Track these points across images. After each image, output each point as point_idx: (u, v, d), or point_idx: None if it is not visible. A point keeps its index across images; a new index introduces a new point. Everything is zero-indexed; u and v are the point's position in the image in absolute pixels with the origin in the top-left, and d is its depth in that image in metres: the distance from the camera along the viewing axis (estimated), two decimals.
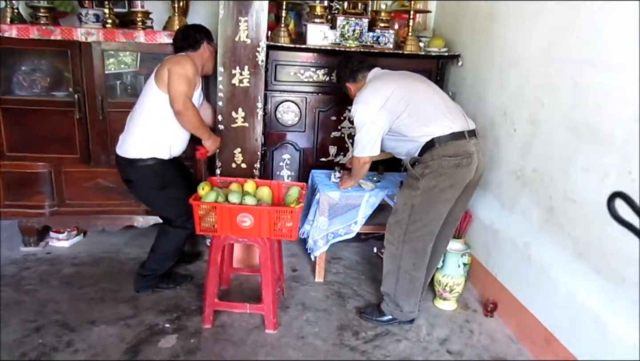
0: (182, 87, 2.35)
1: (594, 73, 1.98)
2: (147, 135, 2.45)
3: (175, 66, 2.37)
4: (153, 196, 2.59)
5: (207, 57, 2.61)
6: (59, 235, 3.16)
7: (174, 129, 2.48)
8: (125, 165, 2.51)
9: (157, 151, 2.47)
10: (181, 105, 2.35)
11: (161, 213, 2.71)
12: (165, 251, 2.65)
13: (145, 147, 2.46)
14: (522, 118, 2.47)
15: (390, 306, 2.50)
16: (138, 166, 2.48)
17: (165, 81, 2.36)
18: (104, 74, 2.85)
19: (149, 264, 2.67)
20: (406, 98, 2.27)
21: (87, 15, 2.76)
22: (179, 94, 2.34)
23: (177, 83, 2.34)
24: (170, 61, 2.41)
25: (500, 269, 2.65)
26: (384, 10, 3.06)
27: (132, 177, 2.54)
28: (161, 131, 2.46)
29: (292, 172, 3.27)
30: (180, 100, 2.34)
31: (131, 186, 2.58)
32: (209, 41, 2.60)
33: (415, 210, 2.28)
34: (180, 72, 2.36)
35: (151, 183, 2.52)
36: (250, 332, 2.41)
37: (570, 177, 2.10)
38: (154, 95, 2.41)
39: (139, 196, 2.69)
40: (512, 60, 2.55)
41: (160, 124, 2.45)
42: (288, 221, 2.25)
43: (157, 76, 2.41)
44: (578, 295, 2.05)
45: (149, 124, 2.45)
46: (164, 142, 2.48)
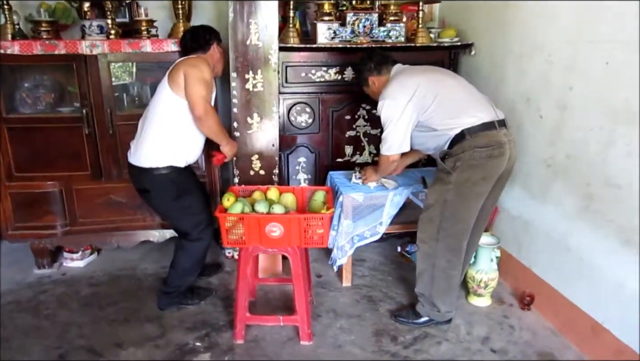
0: (202, 91, 2.23)
1: (628, 53, 1.91)
2: (163, 142, 2.33)
3: (193, 69, 2.25)
4: (170, 206, 2.47)
5: (217, 59, 2.51)
6: (72, 255, 3.06)
7: (190, 135, 2.38)
8: (139, 175, 2.39)
9: (173, 159, 2.37)
10: (202, 110, 2.23)
11: (177, 224, 2.58)
12: (186, 266, 2.55)
13: (162, 156, 2.34)
14: (549, 104, 2.40)
15: (426, 307, 2.42)
16: (154, 175, 2.36)
17: (181, 84, 2.24)
18: (112, 86, 2.75)
19: (170, 281, 2.57)
20: (433, 90, 2.19)
21: (90, 27, 2.66)
22: (199, 99, 2.22)
23: (196, 87, 2.22)
24: (186, 64, 2.29)
25: (535, 261, 2.57)
26: (393, 3, 2.98)
27: (148, 187, 2.41)
28: (178, 138, 2.35)
29: (308, 175, 3.18)
30: (201, 105, 2.23)
31: (147, 196, 2.47)
32: (218, 42, 2.51)
33: (448, 206, 2.20)
34: (198, 76, 2.24)
35: (168, 193, 2.40)
36: (284, 345, 2.32)
37: (610, 162, 2.03)
38: (169, 99, 2.29)
39: (155, 207, 2.59)
40: (535, 45, 2.48)
41: (177, 131, 2.34)
42: (319, 228, 2.16)
43: (171, 79, 2.28)
44: (628, 283, 1.98)
45: (165, 131, 2.33)
46: (181, 149, 2.38)
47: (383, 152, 2.37)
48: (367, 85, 2.51)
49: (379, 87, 2.43)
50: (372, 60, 2.45)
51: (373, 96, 2.53)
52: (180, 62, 2.32)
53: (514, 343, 2.33)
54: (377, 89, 2.44)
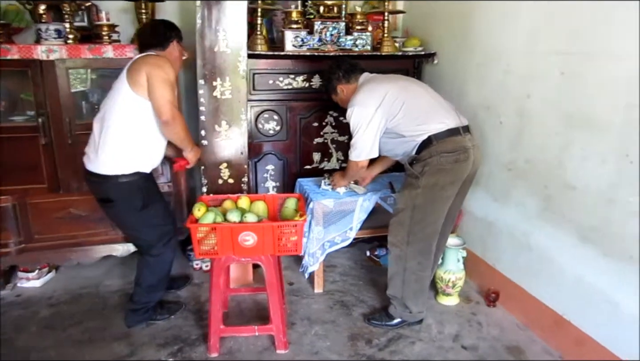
0: (168, 94, 2.11)
1: (584, 64, 2.05)
2: (127, 146, 2.19)
3: (157, 70, 2.12)
4: (134, 217, 2.31)
5: (175, 57, 2.35)
6: (28, 274, 2.88)
7: (155, 138, 2.26)
8: (102, 183, 2.22)
9: (139, 164, 2.23)
10: (169, 115, 2.12)
11: (140, 237, 2.40)
12: (152, 282, 2.44)
13: (127, 161, 2.20)
14: (508, 111, 2.53)
15: (398, 309, 2.47)
16: (119, 183, 2.20)
17: (144, 85, 2.11)
18: (71, 94, 2.63)
19: (137, 298, 2.47)
20: (401, 98, 2.26)
21: (47, 31, 2.53)
22: (166, 103, 2.10)
23: (162, 90, 2.10)
24: (148, 63, 2.14)
25: (499, 260, 2.70)
26: (359, 12, 3.04)
27: (112, 196, 2.23)
28: (142, 141, 2.22)
29: (277, 182, 3.17)
30: (169, 109, 2.11)
31: (110, 207, 2.28)
32: (178, 40, 2.38)
33: (417, 209, 2.27)
34: (163, 77, 2.12)
35: (134, 202, 2.26)
36: (261, 355, 2.30)
37: (567, 165, 2.17)
38: (130, 101, 2.14)
39: (118, 219, 2.40)
40: (494, 56, 2.61)
41: (141, 133, 2.21)
42: (293, 235, 2.16)
43: (132, 79, 2.13)
44: (586, 277, 2.12)
45: (129, 134, 2.18)
46: (146, 153, 2.25)
47: (352, 158, 2.40)
48: (336, 93, 2.55)
49: (347, 95, 2.47)
50: (341, 68, 2.49)
51: (341, 104, 2.57)
52: (141, 61, 2.17)
53: (483, 339, 2.42)
54: (345, 97, 2.49)
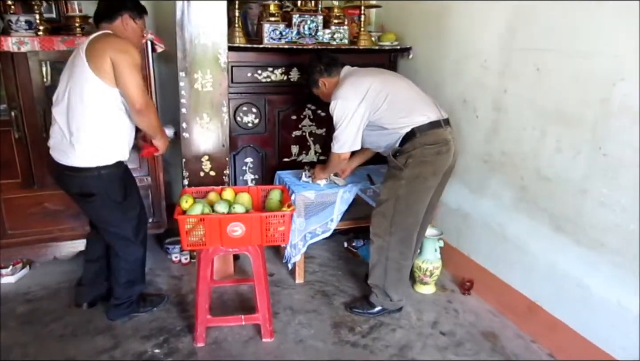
0: (138, 82, 1.98)
1: (559, 60, 2.15)
2: (106, 136, 2.07)
3: (123, 55, 1.95)
4: (114, 211, 2.20)
5: (126, 35, 2.12)
6: (1, 270, 2.80)
7: (128, 125, 2.15)
8: (80, 177, 2.09)
9: (119, 153, 2.14)
10: (143, 104, 2.01)
11: (117, 233, 2.28)
12: (129, 278, 2.39)
13: (108, 151, 2.09)
14: (484, 105, 2.62)
15: (379, 298, 2.54)
16: (100, 175, 2.09)
17: (109, 72, 1.96)
18: (44, 87, 2.56)
19: (119, 294, 2.42)
20: (384, 91, 2.31)
21: (17, 23, 2.44)
22: (137, 91, 1.98)
23: (132, 77, 1.96)
24: (112, 48, 1.96)
25: (474, 250, 2.80)
26: (337, 6, 3.07)
27: (92, 190, 2.12)
28: (119, 129, 2.11)
29: (255, 175, 3.18)
30: (142, 98, 2.00)
31: (90, 201, 2.15)
32: (132, 14, 2.14)
33: (400, 200, 2.34)
34: (130, 63, 1.96)
35: (114, 195, 2.16)
36: (246, 344, 2.33)
37: (542, 157, 2.28)
38: (98, 89, 1.98)
39: (97, 213, 2.25)
40: (470, 52, 2.69)
41: (116, 121, 2.09)
42: (280, 226, 2.19)
43: (94, 65, 1.95)
44: (559, 265, 2.24)
45: (106, 123, 2.05)
46: (123, 141, 2.15)
47: (334, 150, 2.44)
48: (317, 86, 2.57)
49: (329, 88, 2.50)
50: (322, 62, 2.51)
51: (323, 97, 2.60)
52: (103, 45, 1.98)
53: (460, 325, 2.52)
54: (327, 90, 2.52)
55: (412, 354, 2.29)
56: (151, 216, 2.95)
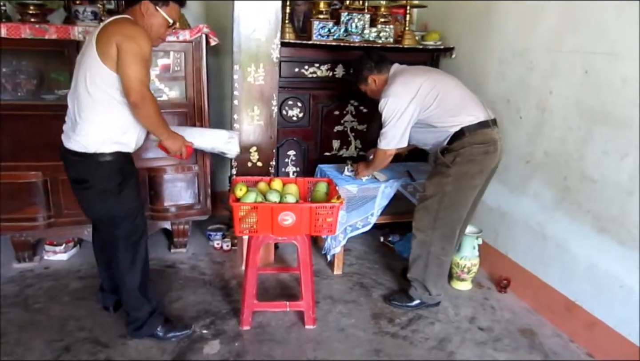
0: (139, 72, 1.85)
1: (607, 63, 2.18)
2: (106, 123, 1.95)
3: (128, 41, 1.83)
4: (105, 202, 2.05)
5: (149, 23, 1.97)
6: (55, 248, 2.95)
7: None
8: (79, 161, 1.99)
9: (122, 143, 2.01)
10: (139, 96, 1.85)
11: (110, 230, 2.12)
12: (131, 304, 2.21)
13: (108, 139, 1.96)
14: (528, 106, 2.66)
15: (418, 291, 2.60)
16: (98, 163, 1.97)
17: (113, 57, 1.84)
18: None
19: (127, 313, 2.25)
20: (436, 89, 2.36)
21: (84, 13, 2.58)
22: (135, 82, 1.84)
23: (133, 67, 1.83)
24: (120, 33, 1.85)
25: (512, 248, 2.84)
26: (383, 5, 3.14)
27: (87, 176, 2.01)
28: (122, 117, 1.97)
29: (297, 168, 3.27)
30: (138, 89, 1.85)
31: (84, 187, 2.04)
32: (156, 2, 1.96)
33: (446, 197, 2.39)
34: (135, 52, 1.83)
35: (109, 185, 2.01)
36: (290, 330, 2.41)
37: (587, 158, 2.31)
38: (104, 75, 1.88)
39: (90, 203, 2.11)
40: (515, 51, 2.73)
41: (120, 109, 1.96)
42: (329, 217, 2.27)
43: (102, 50, 1.85)
44: (601, 265, 2.26)
45: (106, 109, 1.93)
46: (128, 132, 2.01)
47: (381, 147, 2.50)
48: (367, 83, 2.62)
49: (379, 85, 2.56)
50: (372, 59, 2.56)
51: (371, 94, 2.66)
52: (112, 29, 1.88)
53: (497, 321, 2.57)
54: (376, 87, 2.58)
55: (451, 347, 2.35)
56: (197, 203, 3.06)
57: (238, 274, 2.89)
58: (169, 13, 2.00)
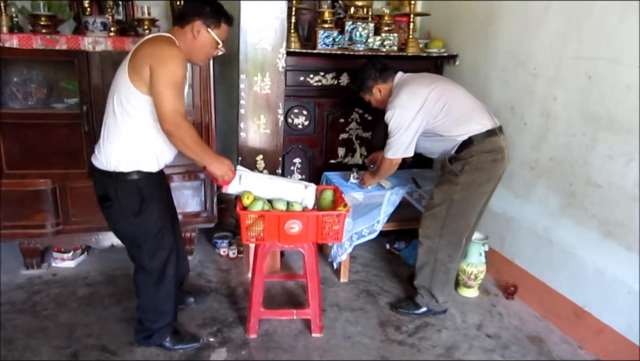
0: (171, 100, 1.82)
1: (611, 69, 2.19)
2: (130, 142, 1.94)
3: (162, 69, 1.81)
4: (127, 221, 2.03)
5: (192, 43, 1.97)
6: (63, 255, 2.98)
7: (161, 136, 1.95)
8: (102, 178, 1.99)
9: (143, 163, 1.97)
10: (172, 125, 1.83)
11: (132, 251, 2.16)
12: (147, 318, 2.22)
13: (128, 158, 1.95)
14: (532, 112, 2.67)
15: (425, 299, 2.60)
16: (118, 181, 1.96)
17: (146, 80, 1.83)
18: None
19: (140, 321, 2.24)
20: (443, 99, 2.36)
21: (94, 24, 2.62)
22: (168, 111, 1.81)
23: (165, 95, 1.81)
24: (154, 56, 1.83)
25: (518, 254, 2.84)
26: (387, 14, 3.17)
27: (109, 195, 1.99)
28: (145, 137, 1.95)
29: (303, 175, 3.29)
30: (171, 118, 1.82)
31: (107, 206, 2.02)
32: (207, 22, 1.97)
33: (454, 205, 2.40)
34: (168, 79, 1.81)
35: (129, 204, 1.99)
36: (297, 338, 2.41)
37: (592, 164, 2.31)
38: (131, 96, 1.87)
39: (113, 222, 2.11)
40: (518, 58, 2.74)
41: (143, 129, 1.94)
42: (335, 225, 2.27)
43: (134, 71, 1.84)
44: (608, 270, 2.26)
45: (132, 131, 1.93)
46: (153, 152, 1.99)
47: (387, 156, 2.50)
48: (371, 93, 2.60)
49: (384, 95, 2.56)
50: (376, 68, 2.55)
51: (375, 103, 2.66)
52: (148, 49, 1.86)
53: (505, 328, 2.56)
54: (381, 97, 2.58)
55: (458, 354, 2.34)
56: (203, 210, 3.08)
57: (244, 282, 2.90)
58: (219, 34, 2.02)
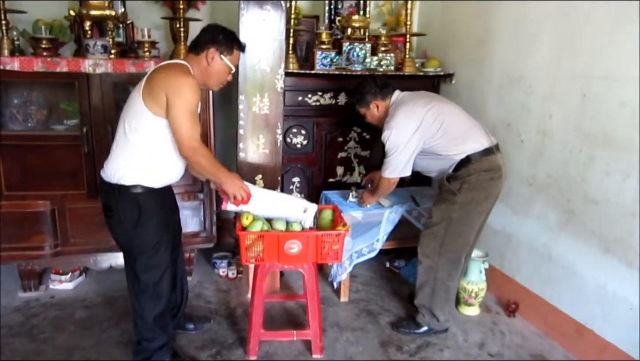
0: (188, 127, 1.91)
1: (605, 87, 2.22)
2: (135, 158, 1.99)
3: (177, 98, 1.88)
4: (126, 234, 2.07)
5: (207, 69, 2.06)
6: (61, 277, 2.95)
7: (170, 155, 2.04)
8: (106, 190, 2.05)
9: (145, 179, 2.01)
10: (189, 151, 1.94)
11: (129, 262, 2.15)
12: (145, 337, 2.19)
13: (131, 173, 1.99)
14: (529, 129, 2.70)
15: (426, 318, 2.58)
16: (119, 193, 2.01)
17: (160, 104, 1.90)
18: (114, 106, 2.74)
19: (138, 340, 2.21)
20: (440, 119, 2.38)
21: (95, 46, 2.65)
22: (185, 138, 1.91)
23: (182, 123, 1.90)
24: (169, 85, 1.89)
25: (519, 271, 2.83)
26: (384, 35, 3.22)
27: (111, 206, 2.04)
28: (154, 158, 2.02)
29: (302, 194, 3.29)
30: (188, 144, 1.92)
31: (109, 216, 2.08)
32: (221, 49, 2.04)
33: (453, 223, 2.40)
34: (183, 107, 1.89)
35: (128, 216, 2.02)
36: (297, 359, 2.39)
37: (590, 180, 2.33)
38: (143, 117, 1.93)
39: (113, 232, 2.14)
40: (514, 76, 2.78)
41: (154, 151, 2.00)
42: (335, 244, 2.27)
43: (150, 95, 1.91)
44: (609, 287, 2.26)
45: (139, 149, 1.98)
46: (157, 170, 2.04)
47: (385, 175, 2.51)
48: (368, 107, 2.62)
49: (381, 111, 2.59)
50: (377, 84, 2.57)
51: (371, 118, 2.68)
52: (164, 77, 1.92)
53: (508, 346, 2.54)
54: (379, 114, 2.61)
55: None
56: (203, 230, 3.07)
57: (244, 303, 2.88)
58: (232, 60, 2.10)
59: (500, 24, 2.86)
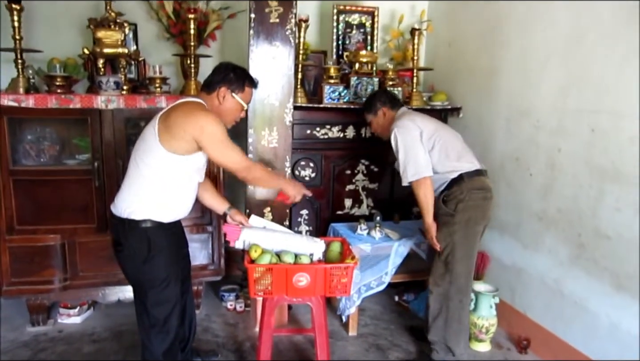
0: (229, 156, 2.03)
1: (614, 122, 2.23)
2: (146, 193, 2.00)
3: (206, 136, 1.93)
4: (135, 267, 2.07)
5: (225, 108, 2.08)
6: (69, 311, 2.95)
7: (179, 191, 2.07)
8: (115, 224, 2.06)
9: (155, 214, 2.02)
10: (243, 173, 2.08)
11: (139, 298, 2.14)
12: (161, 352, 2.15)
13: (141, 208, 2.00)
14: (538, 163, 2.70)
15: (440, 354, 2.54)
16: (129, 228, 2.01)
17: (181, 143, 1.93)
18: (125, 141, 2.79)
19: None
20: (436, 135, 2.48)
21: (107, 83, 2.73)
22: (234, 165, 2.06)
23: (223, 155, 2.01)
24: (191, 125, 1.91)
25: (530, 307, 2.79)
26: (391, 69, 3.27)
27: (121, 240, 2.05)
28: (165, 194, 2.03)
29: (310, 226, 3.30)
30: (238, 168, 2.06)
31: (119, 250, 2.09)
32: (232, 87, 2.07)
33: (456, 246, 2.43)
34: (215, 143, 1.96)
35: (138, 250, 2.02)
36: None
37: (600, 215, 2.31)
38: (157, 153, 1.95)
39: (123, 267, 2.14)
40: (521, 111, 2.80)
41: (165, 184, 2.02)
42: (343, 277, 2.26)
43: (166, 130, 1.93)
44: (622, 325, 2.21)
45: (151, 184, 2.00)
46: (167, 206, 2.05)
47: (411, 179, 2.41)
48: (376, 114, 2.71)
49: (387, 120, 2.68)
50: (388, 96, 2.75)
51: (376, 127, 2.76)
52: (182, 117, 1.94)
53: None
54: (384, 122, 2.70)
55: None
56: (211, 263, 3.07)
57: (252, 336, 2.85)
58: (244, 98, 2.13)
59: (507, 58, 2.90)
